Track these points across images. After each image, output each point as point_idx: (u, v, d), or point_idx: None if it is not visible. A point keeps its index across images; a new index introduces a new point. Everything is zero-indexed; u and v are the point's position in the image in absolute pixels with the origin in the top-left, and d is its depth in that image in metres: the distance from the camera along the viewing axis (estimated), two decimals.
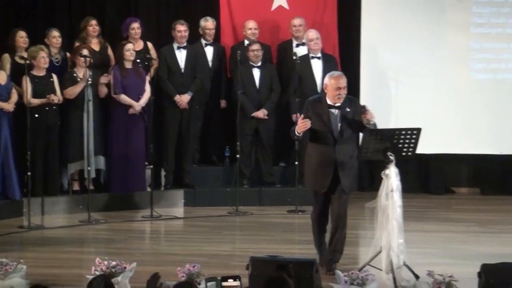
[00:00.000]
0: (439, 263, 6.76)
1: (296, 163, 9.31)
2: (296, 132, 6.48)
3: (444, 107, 10.05)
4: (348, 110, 6.57)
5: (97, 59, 9.38)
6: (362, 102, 6.92)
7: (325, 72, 9.40)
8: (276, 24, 10.18)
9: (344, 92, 6.53)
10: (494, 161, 10.27)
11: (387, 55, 10.08)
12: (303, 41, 9.77)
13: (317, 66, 9.64)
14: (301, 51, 9.74)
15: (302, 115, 6.58)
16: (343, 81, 6.55)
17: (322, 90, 6.78)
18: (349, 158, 6.61)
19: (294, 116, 9.50)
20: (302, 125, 6.43)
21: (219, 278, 5.60)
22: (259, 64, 9.68)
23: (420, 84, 10.08)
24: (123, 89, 9.25)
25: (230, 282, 5.33)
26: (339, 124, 6.54)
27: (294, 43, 9.90)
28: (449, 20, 10.08)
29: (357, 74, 10.01)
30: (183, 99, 9.56)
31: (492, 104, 10.05)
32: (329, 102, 6.57)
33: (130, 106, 9.25)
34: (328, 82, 6.58)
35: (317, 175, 6.59)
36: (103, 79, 9.25)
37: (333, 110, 6.55)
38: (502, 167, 10.37)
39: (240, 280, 5.22)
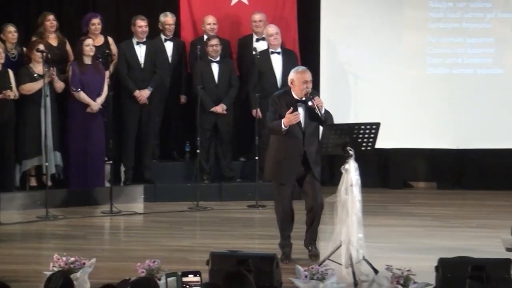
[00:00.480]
0: (398, 257, 6.80)
1: (257, 158, 9.32)
2: (282, 126, 6.52)
3: (403, 102, 10.11)
4: (311, 103, 6.65)
5: (55, 55, 9.28)
6: (322, 97, 6.93)
7: (285, 67, 9.53)
8: (236, 19, 10.17)
9: (310, 86, 6.63)
10: (450, 155, 10.37)
11: (347, 50, 10.11)
12: (263, 36, 9.79)
13: (277, 61, 9.66)
14: (261, 46, 9.75)
15: (291, 109, 6.57)
16: (309, 75, 6.67)
17: (287, 85, 6.82)
18: (316, 150, 6.73)
19: (254, 111, 9.54)
20: (293, 118, 6.48)
21: (179, 273, 5.58)
22: (218, 59, 9.66)
23: (379, 79, 10.12)
24: (82, 85, 9.18)
25: (191, 277, 5.31)
26: (306, 117, 6.64)
27: (254, 38, 9.90)
28: (407, 15, 10.14)
29: (317, 69, 9.98)
30: (143, 94, 9.50)
31: (448, 99, 10.13)
32: (295, 96, 6.64)
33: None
34: (294, 77, 6.67)
35: (285, 168, 6.65)
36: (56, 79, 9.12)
37: (299, 104, 6.63)
38: (459, 162, 10.50)
39: (200, 275, 5.21)
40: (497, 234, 6.82)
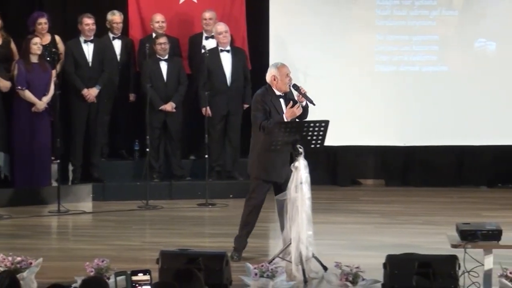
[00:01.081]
0: (347, 254, 6.85)
1: (206, 156, 9.34)
2: (285, 118, 6.51)
3: (351, 100, 10.17)
4: (292, 97, 6.69)
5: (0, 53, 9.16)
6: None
7: (234, 65, 9.65)
8: (185, 17, 10.14)
9: (291, 77, 6.69)
10: (398, 152, 10.46)
11: (296, 48, 10.12)
12: (213, 34, 9.75)
13: (226, 59, 9.66)
14: (211, 44, 9.73)
15: (291, 103, 6.58)
16: (288, 68, 6.71)
17: (239, 82, 6.81)
18: None
19: (203, 109, 9.55)
20: (297, 110, 6.49)
21: (129, 272, 5.53)
22: (167, 57, 9.63)
23: (329, 77, 10.14)
24: (27, 84, 9.06)
25: (140, 276, 5.26)
26: (284, 108, 6.64)
27: (204, 35, 9.90)
28: (356, 13, 10.21)
29: (266, 68, 9.62)
30: (91, 92, 9.43)
31: (395, 96, 10.23)
32: (276, 92, 6.65)
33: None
34: (276, 73, 6.66)
35: (277, 167, 6.62)
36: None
37: (281, 100, 6.66)
38: (405, 159, 10.57)
39: (150, 274, 5.16)
40: (442, 230, 6.81)
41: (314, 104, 6.65)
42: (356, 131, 10.18)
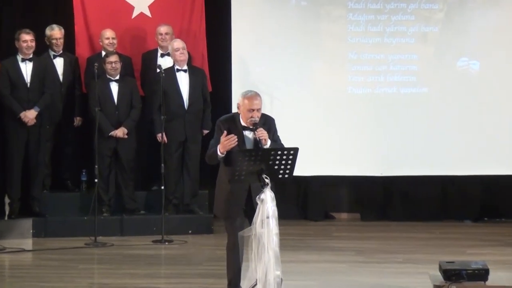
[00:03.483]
0: None
1: (162, 187, 9.33)
2: (218, 152, 6.39)
3: (322, 125, 10.22)
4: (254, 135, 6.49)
5: None
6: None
7: (192, 86, 9.62)
8: (138, 33, 10.17)
9: (258, 115, 6.48)
10: (374, 183, 10.49)
11: (261, 68, 10.22)
12: (169, 51, 9.78)
13: (183, 79, 9.67)
14: (166, 62, 9.76)
15: (224, 132, 6.40)
16: (258, 102, 6.49)
17: (199, 106, 6.65)
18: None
19: (158, 136, 9.52)
20: (227, 142, 6.34)
21: None
22: (118, 77, 9.63)
23: (297, 99, 10.20)
24: None
25: None
26: (254, 147, 6.50)
27: (159, 53, 9.92)
28: (326, 29, 10.28)
29: (229, 89, 10.13)
30: (29, 115, 9.35)
31: (371, 121, 10.26)
32: (242, 123, 6.54)
33: None
34: (241, 103, 6.52)
35: (232, 201, 6.54)
36: None
37: (247, 132, 6.54)
38: (383, 190, 10.62)
39: None
40: (424, 270, 6.87)
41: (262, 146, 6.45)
42: (329, 160, 10.19)
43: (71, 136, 9.94)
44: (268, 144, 6.44)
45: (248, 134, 6.54)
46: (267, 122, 6.60)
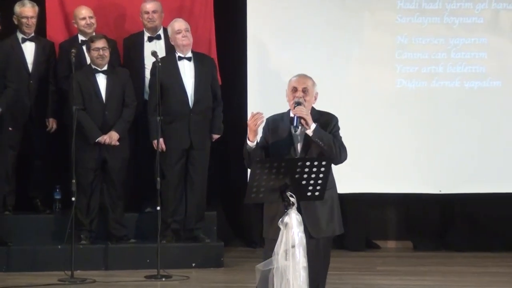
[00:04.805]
0: None
1: (158, 208, 9.12)
2: (248, 142, 6.33)
3: (363, 129, 10.07)
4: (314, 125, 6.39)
5: None
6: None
7: (198, 78, 9.50)
8: (124, 11, 10.12)
9: (302, 95, 6.44)
10: (431, 203, 10.51)
11: (282, 55, 10.14)
12: (159, 33, 9.70)
13: (187, 70, 9.53)
14: (156, 48, 9.55)
15: (252, 112, 6.39)
16: (304, 81, 6.48)
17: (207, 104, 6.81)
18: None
19: (154, 143, 9.32)
20: (252, 121, 6.28)
21: None
22: (106, 68, 9.43)
23: (330, 96, 9.39)
24: None
25: None
26: (299, 145, 6.49)
27: (146, 36, 9.79)
28: (365, 4, 10.26)
29: (243, 82, 10.13)
30: None
31: (426, 124, 10.23)
32: (291, 114, 6.49)
33: None
34: (287, 87, 6.53)
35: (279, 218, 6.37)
36: None
37: (292, 127, 6.47)
38: (442, 212, 10.67)
39: None
40: None
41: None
42: (371, 174, 10.14)
43: (42, 143, 9.77)
44: (312, 128, 6.32)
45: (295, 129, 6.46)
46: (324, 118, 6.52)
